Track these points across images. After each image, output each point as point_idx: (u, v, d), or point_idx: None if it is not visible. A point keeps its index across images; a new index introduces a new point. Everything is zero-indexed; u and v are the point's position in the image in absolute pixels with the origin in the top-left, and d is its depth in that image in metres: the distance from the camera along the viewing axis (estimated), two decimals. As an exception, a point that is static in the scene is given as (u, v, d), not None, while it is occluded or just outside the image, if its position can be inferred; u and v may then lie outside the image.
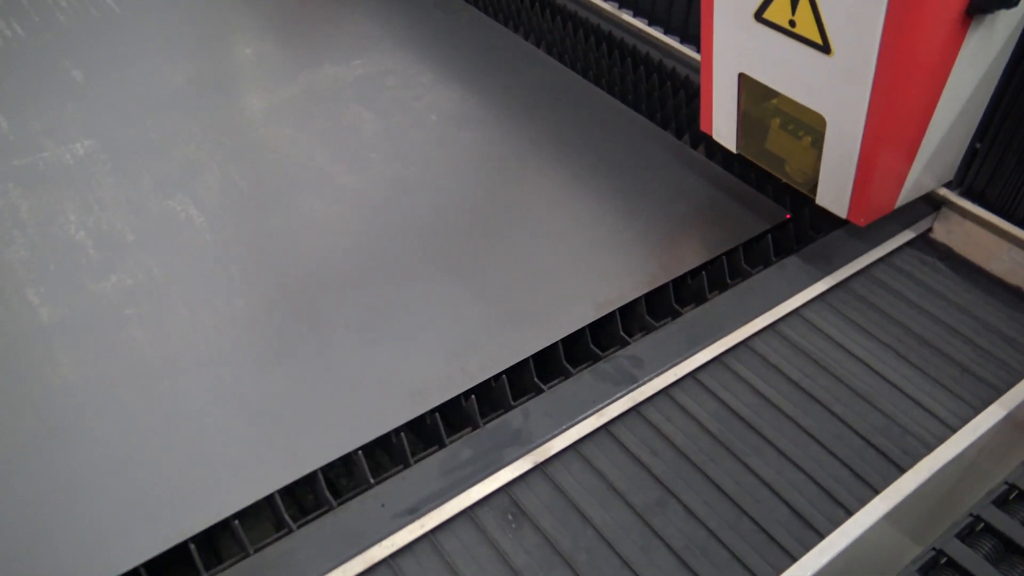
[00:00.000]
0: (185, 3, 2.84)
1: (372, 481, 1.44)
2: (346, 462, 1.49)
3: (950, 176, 1.87)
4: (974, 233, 1.85)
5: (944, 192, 1.89)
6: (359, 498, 1.41)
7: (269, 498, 1.40)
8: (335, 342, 1.68)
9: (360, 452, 1.46)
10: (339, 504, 1.40)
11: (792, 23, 1.57)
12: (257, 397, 1.57)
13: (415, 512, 1.37)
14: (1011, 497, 1.39)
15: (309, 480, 1.45)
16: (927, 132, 1.65)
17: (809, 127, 1.75)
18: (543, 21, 2.70)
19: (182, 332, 1.69)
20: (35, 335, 1.68)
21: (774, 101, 1.82)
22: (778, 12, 1.58)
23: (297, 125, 2.28)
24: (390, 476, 1.45)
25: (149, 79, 2.43)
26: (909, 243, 1.91)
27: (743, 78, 1.80)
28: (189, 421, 1.53)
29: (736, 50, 1.76)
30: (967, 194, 1.87)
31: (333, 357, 1.65)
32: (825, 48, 1.54)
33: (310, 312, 1.74)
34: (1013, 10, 1.52)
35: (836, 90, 1.58)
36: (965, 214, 1.85)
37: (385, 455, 1.61)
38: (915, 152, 1.68)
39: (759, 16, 1.63)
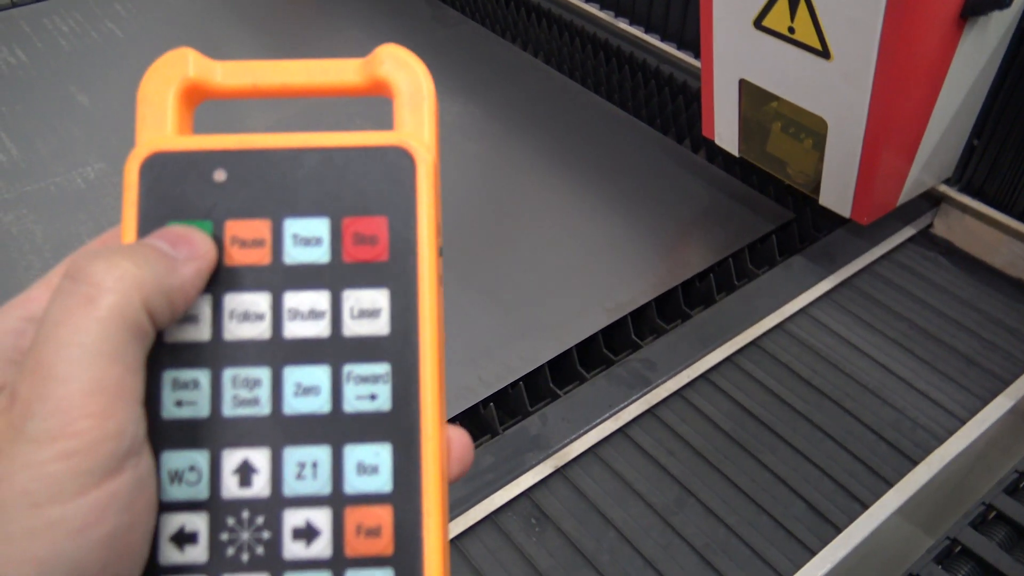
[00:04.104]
0: (185, 22, 2.87)
1: (396, 490, 1.47)
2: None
3: (949, 173, 1.91)
4: (974, 227, 1.88)
5: (944, 188, 1.93)
6: (384, 508, 1.44)
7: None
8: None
9: (383, 462, 1.49)
10: (365, 514, 1.43)
11: (791, 30, 1.61)
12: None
13: (440, 519, 1.40)
14: (1021, 485, 1.42)
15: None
16: (926, 131, 1.69)
17: (810, 130, 1.79)
18: (540, 31, 2.74)
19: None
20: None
21: (774, 104, 1.85)
22: (777, 20, 1.62)
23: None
24: (414, 485, 1.48)
25: (155, 101, 2.46)
26: (911, 239, 1.95)
27: (744, 84, 1.83)
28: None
29: (736, 57, 1.80)
30: (966, 190, 1.91)
31: (352, 370, 1.67)
32: (825, 53, 1.58)
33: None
34: (1006, 11, 1.56)
35: (836, 94, 1.62)
36: (965, 209, 1.89)
37: (406, 465, 1.64)
38: (915, 151, 1.72)
39: (758, 24, 1.67)
